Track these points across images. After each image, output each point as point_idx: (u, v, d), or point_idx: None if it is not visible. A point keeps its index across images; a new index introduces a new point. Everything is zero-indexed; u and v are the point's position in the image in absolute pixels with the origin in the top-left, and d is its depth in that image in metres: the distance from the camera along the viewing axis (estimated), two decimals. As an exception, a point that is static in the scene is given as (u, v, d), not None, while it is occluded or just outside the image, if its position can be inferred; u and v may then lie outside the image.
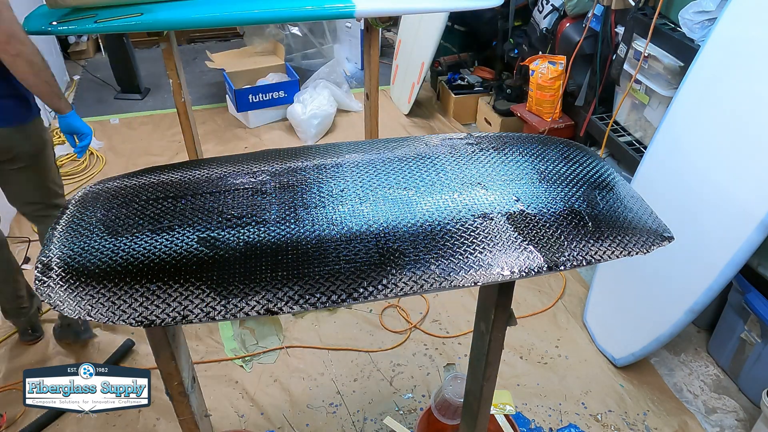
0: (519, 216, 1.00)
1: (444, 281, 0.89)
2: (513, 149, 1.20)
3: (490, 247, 0.93)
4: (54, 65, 4.09)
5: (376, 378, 2.12)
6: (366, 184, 1.08)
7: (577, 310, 2.43)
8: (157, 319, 0.83)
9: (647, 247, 0.99)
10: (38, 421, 1.91)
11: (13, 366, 2.14)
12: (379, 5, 2.20)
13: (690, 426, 1.97)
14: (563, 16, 2.99)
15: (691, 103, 1.99)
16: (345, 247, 0.93)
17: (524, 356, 2.22)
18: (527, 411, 2.01)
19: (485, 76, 3.88)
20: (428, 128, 3.78)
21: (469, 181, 1.09)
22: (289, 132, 3.70)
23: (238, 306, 0.84)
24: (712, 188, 1.84)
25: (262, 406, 2.01)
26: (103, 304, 0.84)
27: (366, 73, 2.49)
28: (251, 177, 1.10)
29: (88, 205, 1.03)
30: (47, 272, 0.89)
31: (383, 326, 2.33)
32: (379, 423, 1.95)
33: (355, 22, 4.20)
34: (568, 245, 0.95)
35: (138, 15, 2.06)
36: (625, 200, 1.09)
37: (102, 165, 3.39)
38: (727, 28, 1.90)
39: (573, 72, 2.91)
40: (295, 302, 0.85)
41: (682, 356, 2.23)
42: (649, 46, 2.35)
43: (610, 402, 2.05)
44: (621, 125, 2.73)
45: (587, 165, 1.17)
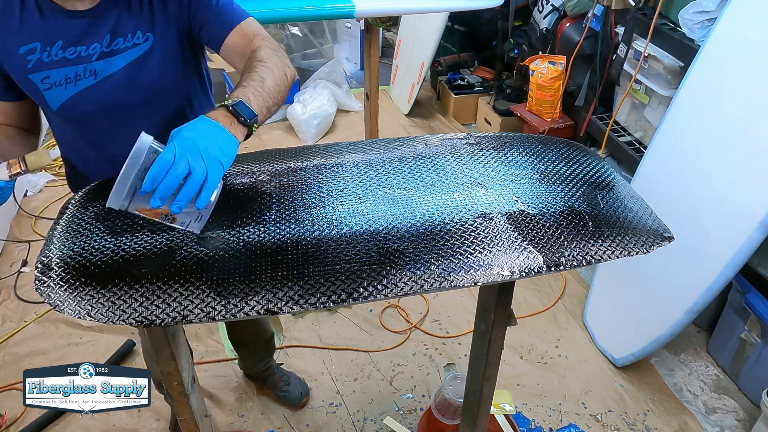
0: (519, 216, 1.00)
1: (444, 281, 0.89)
2: (513, 149, 1.20)
3: (490, 247, 0.93)
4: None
5: (376, 378, 2.12)
6: (366, 184, 1.08)
7: (577, 310, 2.43)
8: (157, 319, 0.83)
9: (647, 247, 0.99)
10: (38, 421, 1.91)
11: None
12: (379, 5, 2.20)
13: (690, 426, 1.97)
14: (563, 16, 2.99)
15: (691, 103, 1.99)
16: (345, 247, 0.93)
17: (524, 356, 2.22)
18: (527, 411, 2.01)
19: (485, 76, 3.88)
20: (428, 128, 3.78)
21: (469, 181, 1.09)
22: (289, 132, 3.70)
23: (238, 306, 0.84)
24: (712, 188, 1.84)
25: (262, 406, 2.01)
26: (103, 304, 0.84)
27: (366, 73, 2.49)
28: (251, 177, 1.10)
29: (88, 205, 1.03)
30: (47, 272, 0.89)
31: (383, 326, 2.33)
32: (379, 423, 1.95)
33: (355, 22, 4.20)
34: (568, 245, 0.95)
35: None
36: (625, 200, 1.09)
37: (102, 165, 3.39)
38: (727, 28, 1.90)
39: (573, 72, 2.91)
40: (295, 302, 0.85)
41: (682, 356, 2.23)
42: (649, 46, 2.35)
43: (610, 402, 2.05)
44: (621, 125, 2.73)
45: (587, 165, 1.17)
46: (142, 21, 1.12)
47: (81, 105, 1.14)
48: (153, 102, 1.20)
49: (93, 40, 1.10)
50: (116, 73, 1.13)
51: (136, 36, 1.12)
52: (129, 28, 1.12)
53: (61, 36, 1.08)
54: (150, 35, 1.13)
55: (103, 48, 1.11)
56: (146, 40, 1.13)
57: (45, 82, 1.10)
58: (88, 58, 1.10)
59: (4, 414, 1.95)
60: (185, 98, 1.26)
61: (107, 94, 1.14)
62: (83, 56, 1.10)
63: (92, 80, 1.12)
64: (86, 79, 1.11)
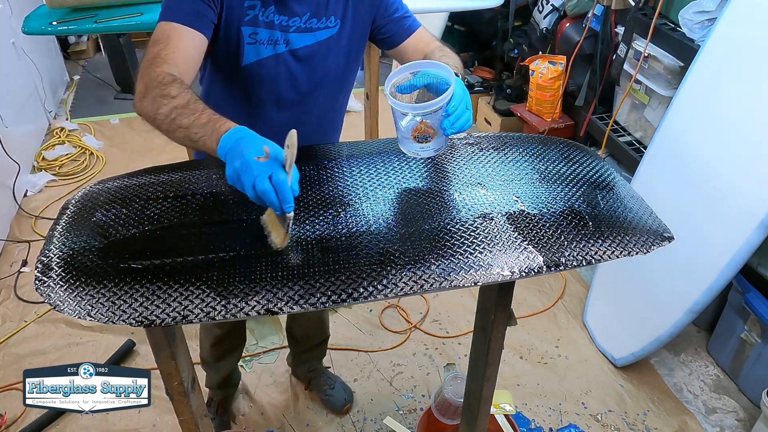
0: (519, 216, 1.00)
1: (444, 281, 0.89)
2: (513, 149, 1.20)
3: (490, 247, 0.93)
4: (54, 65, 4.11)
5: (376, 378, 2.12)
6: (366, 184, 1.08)
7: (577, 310, 2.43)
8: (157, 319, 0.83)
9: (647, 247, 0.99)
10: (38, 421, 1.91)
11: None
12: (379, 5, 2.19)
13: (690, 426, 1.97)
14: (563, 16, 2.99)
15: (691, 103, 1.99)
16: (345, 247, 0.93)
17: (524, 356, 2.22)
18: (527, 411, 2.01)
19: (485, 76, 3.88)
20: (428, 128, 3.77)
21: (469, 181, 1.09)
22: (289, 132, 3.70)
23: (238, 306, 0.84)
24: (712, 188, 1.84)
25: (262, 406, 2.01)
26: (103, 304, 0.84)
27: (366, 73, 2.49)
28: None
29: (88, 205, 1.03)
30: (47, 272, 0.89)
31: (383, 326, 2.33)
32: (379, 423, 1.95)
33: (355, 22, 4.20)
34: (568, 245, 0.95)
35: (138, 15, 2.07)
36: (625, 200, 1.09)
37: (102, 165, 3.39)
38: (727, 28, 1.90)
39: (573, 72, 2.91)
40: (295, 302, 0.85)
41: (682, 356, 2.23)
42: (649, 46, 2.35)
43: (610, 402, 2.05)
44: (621, 125, 2.73)
45: (587, 165, 1.17)
46: (337, 8, 1.24)
47: (267, 67, 1.22)
48: (324, 82, 1.31)
49: (295, 14, 1.20)
50: (305, 48, 1.24)
51: (329, 20, 1.24)
52: (325, 12, 1.23)
53: (274, 2, 1.18)
54: (339, 22, 1.25)
55: (301, 24, 1.21)
56: (335, 26, 1.25)
57: (252, 37, 1.18)
58: (287, 29, 1.20)
59: (4, 414, 1.95)
60: (346, 86, 1.39)
61: (291, 64, 1.24)
62: (284, 25, 1.20)
63: (283, 48, 1.22)
64: (280, 45, 1.21)
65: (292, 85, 1.27)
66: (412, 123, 1.08)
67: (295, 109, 1.31)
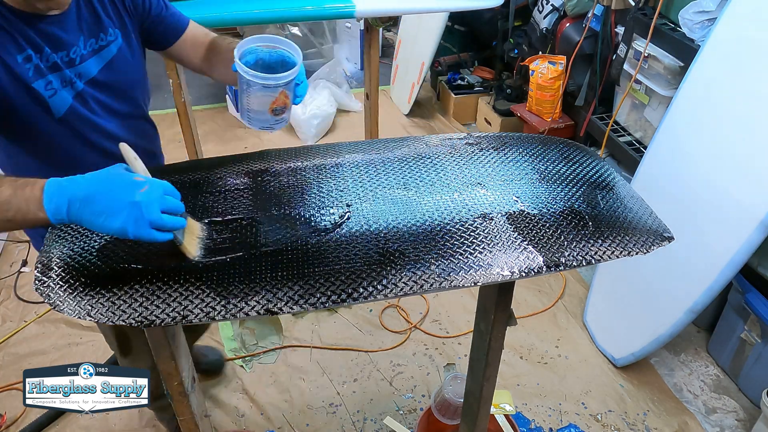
0: (519, 216, 1.00)
1: (444, 281, 0.89)
2: (513, 149, 1.20)
3: (490, 247, 0.93)
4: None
5: (376, 378, 2.12)
6: (366, 184, 1.08)
7: (577, 310, 2.43)
8: (157, 319, 0.83)
9: (647, 247, 0.99)
10: (38, 421, 1.91)
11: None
12: (379, 5, 2.20)
13: (690, 426, 1.97)
14: (563, 16, 2.99)
15: (691, 103, 1.99)
16: (345, 247, 0.93)
17: (524, 356, 2.22)
18: (527, 411, 2.01)
19: (485, 76, 3.88)
20: (428, 128, 3.78)
21: (469, 181, 1.09)
22: (289, 132, 3.70)
23: (238, 306, 0.84)
24: (712, 188, 1.84)
25: (262, 406, 2.01)
26: (103, 304, 0.84)
27: (366, 73, 2.49)
28: (251, 177, 1.10)
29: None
30: (47, 272, 0.89)
31: (383, 326, 2.33)
32: (379, 423, 1.95)
33: (355, 22, 4.20)
34: (568, 245, 0.95)
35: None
36: (625, 200, 1.09)
37: (102, 165, 3.39)
38: (727, 28, 1.90)
39: (573, 72, 2.91)
40: (295, 302, 0.85)
41: (682, 356, 2.23)
42: (649, 46, 2.35)
43: (610, 402, 2.05)
44: (621, 125, 2.73)
45: (587, 165, 1.18)
46: (111, 18, 1.18)
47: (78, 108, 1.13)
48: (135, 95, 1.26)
49: (71, 44, 1.10)
50: (101, 72, 1.16)
51: (108, 33, 1.17)
52: (101, 28, 1.16)
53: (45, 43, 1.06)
54: (118, 31, 1.19)
55: (84, 50, 1.12)
56: (116, 36, 1.19)
57: (49, 88, 1.07)
58: (73, 63, 1.11)
59: (4, 414, 1.95)
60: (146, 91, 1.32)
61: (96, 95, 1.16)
62: (67, 61, 1.10)
63: (80, 84, 1.13)
64: (76, 83, 1.12)
65: (109, 114, 1.19)
66: (271, 95, 1.04)
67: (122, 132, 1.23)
